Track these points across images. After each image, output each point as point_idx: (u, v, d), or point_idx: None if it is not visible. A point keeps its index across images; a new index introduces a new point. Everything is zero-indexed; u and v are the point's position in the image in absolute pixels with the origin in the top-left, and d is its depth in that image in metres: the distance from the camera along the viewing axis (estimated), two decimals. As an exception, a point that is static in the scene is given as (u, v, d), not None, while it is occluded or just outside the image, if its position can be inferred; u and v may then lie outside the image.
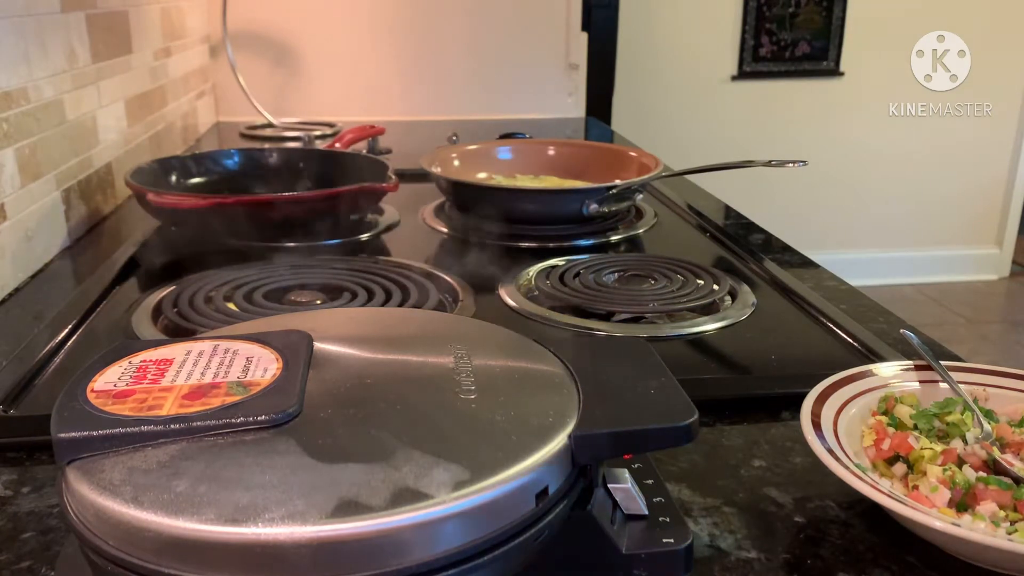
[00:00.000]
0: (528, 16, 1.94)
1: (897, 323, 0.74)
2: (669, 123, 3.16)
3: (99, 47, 1.10)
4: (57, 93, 0.95)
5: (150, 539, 0.31)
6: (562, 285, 0.81)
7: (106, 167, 1.12)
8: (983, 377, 0.57)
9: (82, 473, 0.34)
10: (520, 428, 0.37)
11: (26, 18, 0.89)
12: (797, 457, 0.54)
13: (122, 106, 1.20)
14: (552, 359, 0.44)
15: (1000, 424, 0.52)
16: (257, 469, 0.33)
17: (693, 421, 0.38)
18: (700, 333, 0.72)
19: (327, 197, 0.95)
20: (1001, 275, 3.56)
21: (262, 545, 0.31)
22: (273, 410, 0.36)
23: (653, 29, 3.13)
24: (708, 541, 0.46)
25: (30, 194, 0.88)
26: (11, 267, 0.83)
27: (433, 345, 0.45)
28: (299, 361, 0.41)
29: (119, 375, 0.39)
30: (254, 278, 0.80)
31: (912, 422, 0.52)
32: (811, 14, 3.20)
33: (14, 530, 0.46)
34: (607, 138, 1.80)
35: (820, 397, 0.52)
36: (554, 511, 0.36)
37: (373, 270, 0.83)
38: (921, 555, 0.44)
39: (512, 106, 1.97)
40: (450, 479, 0.33)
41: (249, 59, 1.83)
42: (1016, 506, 0.45)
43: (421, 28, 1.91)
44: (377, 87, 1.92)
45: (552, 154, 1.25)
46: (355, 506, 0.31)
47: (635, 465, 0.45)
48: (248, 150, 1.22)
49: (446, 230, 1.04)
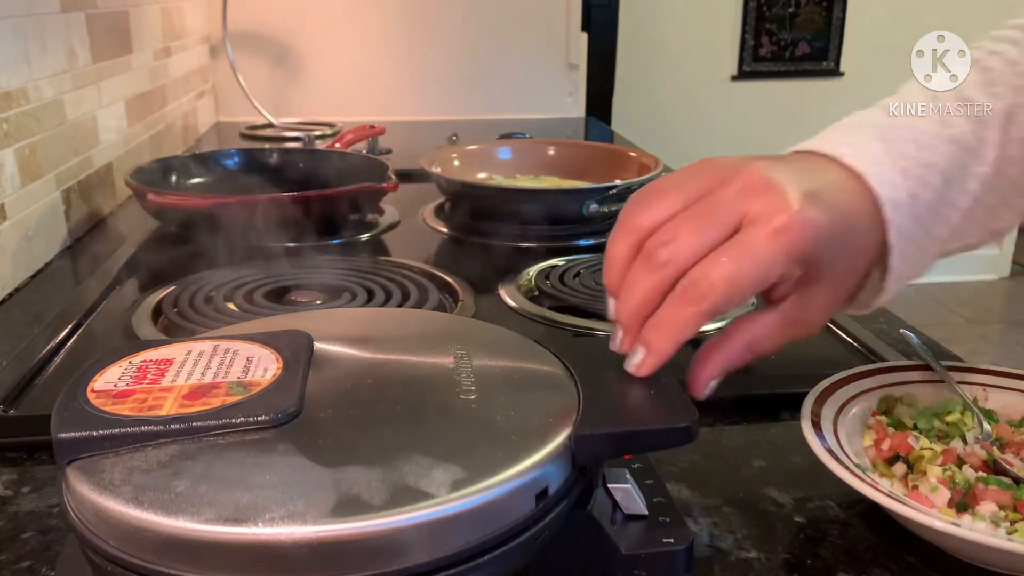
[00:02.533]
0: (528, 16, 1.94)
1: (897, 323, 0.74)
2: (669, 123, 3.17)
3: (99, 47, 1.10)
4: (57, 93, 0.95)
5: (150, 539, 0.31)
6: (562, 285, 0.81)
7: (106, 167, 1.12)
8: (983, 377, 0.57)
9: (82, 473, 0.34)
10: (520, 428, 0.37)
11: (26, 18, 0.89)
12: (797, 457, 0.54)
13: (122, 106, 1.20)
14: (552, 359, 0.44)
15: (1000, 424, 0.52)
16: (257, 469, 0.33)
17: (693, 421, 0.38)
18: (700, 333, 0.72)
19: (327, 197, 0.95)
20: (1001, 275, 3.56)
21: (262, 545, 0.31)
22: (273, 410, 0.36)
23: (653, 29, 3.13)
24: (708, 541, 0.46)
25: (30, 194, 0.88)
26: (11, 267, 0.83)
27: (433, 345, 0.45)
28: (299, 361, 0.41)
29: (119, 375, 0.39)
30: (254, 278, 0.80)
31: (912, 422, 0.52)
32: (811, 14, 3.20)
33: (14, 530, 0.46)
34: (607, 138, 1.80)
35: (820, 397, 0.52)
36: (554, 511, 0.36)
37: (373, 270, 0.83)
38: (921, 555, 0.44)
39: (512, 106, 1.97)
40: (450, 479, 0.33)
41: (249, 59, 1.83)
42: (1016, 506, 0.45)
43: (421, 28, 1.91)
44: (377, 87, 1.92)
45: (552, 154, 1.25)
46: (355, 506, 0.31)
47: (635, 465, 0.45)
48: (248, 150, 1.22)
49: (446, 230, 1.04)
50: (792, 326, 0.46)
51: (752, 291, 0.42)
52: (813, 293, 0.45)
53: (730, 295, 0.41)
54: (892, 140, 0.47)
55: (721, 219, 0.42)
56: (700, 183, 0.44)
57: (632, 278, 0.43)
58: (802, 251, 0.42)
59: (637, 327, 0.43)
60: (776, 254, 0.41)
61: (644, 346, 0.42)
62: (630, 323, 0.43)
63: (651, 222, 0.43)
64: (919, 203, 0.47)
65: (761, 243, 0.41)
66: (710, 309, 0.41)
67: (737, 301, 0.42)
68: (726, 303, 0.41)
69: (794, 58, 3.23)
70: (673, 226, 0.43)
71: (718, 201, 0.43)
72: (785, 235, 0.41)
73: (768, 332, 0.45)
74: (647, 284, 0.42)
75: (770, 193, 0.42)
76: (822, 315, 0.47)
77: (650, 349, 0.42)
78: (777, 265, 0.42)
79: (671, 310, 0.42)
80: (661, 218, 0.43)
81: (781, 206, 0.42)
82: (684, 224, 0.42)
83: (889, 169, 0.46)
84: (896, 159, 0.46)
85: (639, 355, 0.42)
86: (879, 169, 0.46)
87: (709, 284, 0.41)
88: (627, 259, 0.44)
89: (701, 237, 0.42)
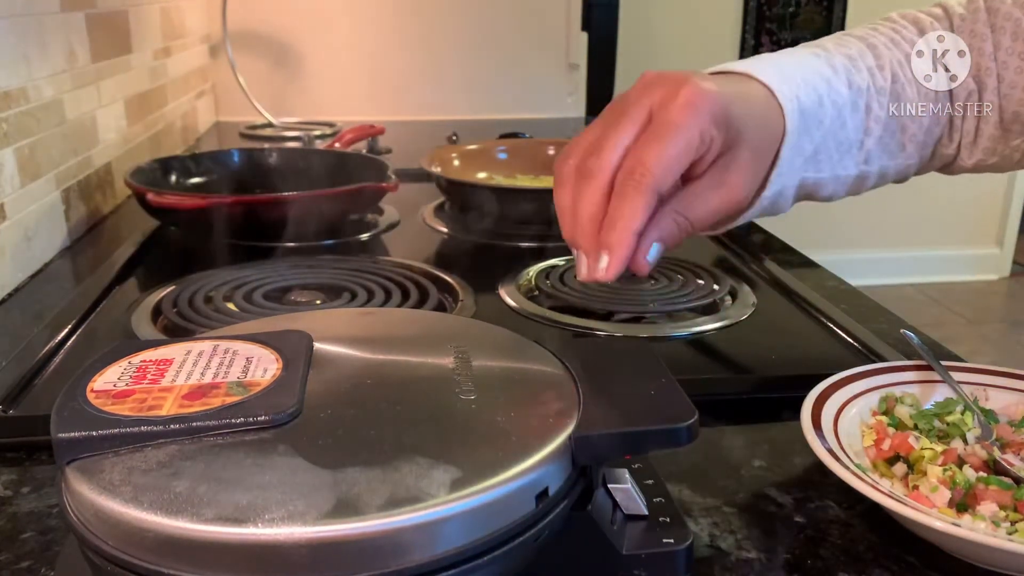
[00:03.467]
0: (528, 16, 1.94)
1: (897, 323, 0.74)
2: (669, 123, 3.16)
3: (99, 47, 1.10)
4: (57, 93, 0.95)
5: (150, 539, 0.31)
6: (562, 285, 0.81)
7: (106, 167, 1.12)
8: (983, 377, 0.57)
9: (82, 473, 0.34)
10: (520, 429, 0.37)
11: (26, 18, 0.89)
12: (797, 457, 0.53)
13: (122, 106, 1.20)
14: (552, 360, 0.44)
15: (1000, 424, 0.52)
16: (257, 469, 0.33)
17: (693, 422, 0.38)
18: (700, 333, 0.72)
19: (327, 197, 0.95)
20: (1001, 275, 3.56)
21: (262, 545, 0.31)
22: (273, 410, 0.36)
23: (653, 29, 3.13)
24: (708, 541, 0.46)
25: (29, 194, 0.88)
26: (11, 267, 0.83)
27: (433, 346, 0.45)
28: (299, 361, 0.40)
29: (119, 375, 0.39)
30: (254, 278, 0.80)
31: (912, 422, 0.52)
32: (811, 14, 3.20)
33: (14, 530, 0.46)
34: (607, 138, 1.80)
35: (820, 397, 0.52)
36: (554, 512, 0.36)
37: (373, 270, 0.83)
38: (921, 555, 0.44)
39: (512, 106, 1.96)
40: (450, 480, 0.33)
41: (249, 59, 1.83)
42: (1016, 506, 0.45)
43: (421, 28, 1.91)
44: (377, 87, 1.92)
45: (552, 154, 1.25)
46: (355, 506, 0.31)
47: (635, 465, 0.45)
48: (248, 150, 1.21)
49: (446, 230, 1.04)
50: (717, 189, 0.49)
51: (682, 162, 0.46)
52: (733, 156, 0.49)
53: (665, 170, 0.44)
54: (767, 61, 0.55)
55: (632, 115, 0.46)
56: (608, 111, 0.48)
57: (577, 201, 0.46)
58: (710, 112, 0.46)
59: (593, 239, 0.45)
60: (689, 118, 0.45)
61: (605, 250, 0.44)
62: (586, 238, 0.45)
63: (579, 154, 0.47)
64: (800, 107, 0.53)
65: (674, 116, 0.45)
66: (651, 187, 0.44)
67: (672, 175, 0.46)
68: (663, 179, 0.45)
69: (794, 58, 3.23)
70: (593, 140, 0.47)
71: (625, 103, 0.47)
72: (691, 103, 0.45)
73: (695, 199, 0.48)
74: (588, 194, 0.45)
75: (667, 81, 0.47)
76: (745, 178, 0.50)
77: (611, 249, 0.44)
78: (695, 129, 0.45)
79: (616, 204, 0.44)
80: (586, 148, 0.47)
81: (680, 83, 0.46)
82: (602, 133, 0.46)
83: (773, 74, 0.53)
84: (775, 68, 0.54)
85: (603, 260, 0.44)
86: (764, 72, 0.53)
87: (643, 167, 0.44)
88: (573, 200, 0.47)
89: (620, 135, 0.46)
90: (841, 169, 0.58)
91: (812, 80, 0.55)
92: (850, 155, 0.59)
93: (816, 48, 0.59)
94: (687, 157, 0.46)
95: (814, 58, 0.57)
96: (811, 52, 0.58)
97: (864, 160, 0.59)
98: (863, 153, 0.59)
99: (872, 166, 0.60)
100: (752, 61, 0.55)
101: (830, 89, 0.56)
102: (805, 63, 0.56)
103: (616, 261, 0.44)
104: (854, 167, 0.59)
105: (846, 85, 0.57)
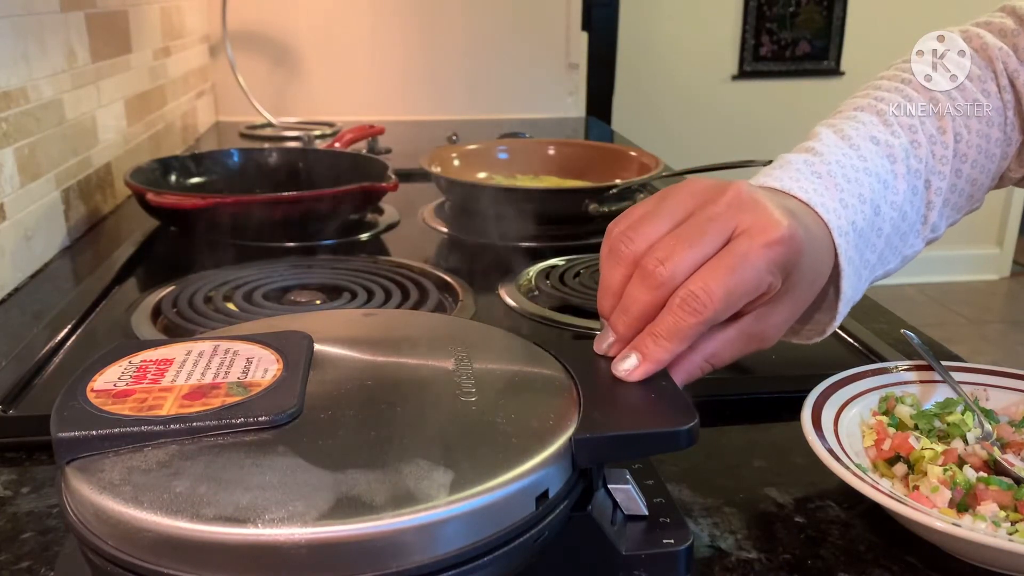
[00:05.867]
0: (528, 16, 1.93)
1: (897, 323, 0.74)
2: (669, 123, 3.16)
3: (98, 47, 1.10)
4: (56, 93, 0.95)
5: (149, 539, 0.31)
6: (562, 285, 0.81)
7: (105, 167, 1.12)
8: (983, 377, 0.57)
9: (82, 473, 0.34)
10: (520, 431, 0.37)
11: (25, 17, 0.89)
12: (797, 457, 0.53)
13: (121, 106, 1.20)
14: (552, 362, 0.44)
15: (1000, 424, 0.52)
16: (257, 470, 0.33)
17: (693, 426, 0.38)
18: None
19: (327, 197, 0.95)
20: (1002, 275, 3.56)
21: (261, 546, 0.30)
22: (273, 411, 0.36)
23: (653, 29, 3.13)
24: (708, 541, 0.46)
25: (29, 194, 0.88)
26: (10, 267, 0.83)
27: (434, 347, 0.45)
28: (299, 362, 0.40)
29: (119, 375, 0.39)
30: (254, 278, 0.80)
31: (913, 422, 0.52)
32: (811, 14, 3.20)
33: (13, 530, 0.46)
34: (607, 138, 1.80)
35: (821, 397, 0.52)
36: (554, 513, 0.36)
37: (373, 270, 0.83)
38: (921, 555, 0.44)
39: (512, 106, 1.96)
40: (450, 481, 0.33)
41: (249, 59, 1.83)
42: (1017, 506, 0.45)
43: (421, 28, 1.91)
44: (377, 87, 1.92)
45: (552, 154, 1.25)
46: (355, 507, 0.31)
47: (635, 465, 0.45)
48: (248, 150, 1.22)
49: (446, 230, 1.04)
50: (748, 340, 0.47)
51: (746, 300, 0.44)
52: (774, 309, 0.47)
53: (728, 305, 0.43)
54: (824, 176, 0.51)
55: (714, 232, 0.44)
56: (684, 203, 0.46)
57: (630, 294, 0.44)
58: (790, 263, 0.44)
59: (633, 334, 0.44)
60: (770, 263, 0.43)
61: (639, 353, 0.43)
62: (628, 330, 0.44)
63: (645, 245, 0.44)
64: (856, 230, 0.50)
65: (757, 253, 0.43)
66: (710, 319, 0.42)
67: (733, 311, 0.44)
68: (724, 313, 0.43)
69: (794, 57, 3.23)
70: (668, 244, 0.44)
71: (710, 216, 0.44)
72: (778, 247, 0.43)
73: (725, 346, 0.47)
74: (647, 299, 0.43)
75: (759, 209, 0.44)
76: (778, 331, 0.49)
77: (647, 357, 0.43)
78: (770, 275, 0.43)
79: (671, 320, 0.43)
80: (653, 241, 0.44)
81: (772, 219, 0.44)
82: (679, 241, 0.44)
83: (830, 200, 0.49)
84: (832, 191, 0.50)
85: (632, 361, 0.43)
86: (822, 200, 0.49)
87: (708, 295, 0.42)
88: (624, 285, 0.45)
89: (697, 251, 0.43)
90: (908, 249, 0.57)
91: (868, 192, 0.51)
92: (914, 233, 0.56)
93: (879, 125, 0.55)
94: (749, 298, 0.44)
95: (873, 146, 0.54)
96: (871, 136, 0.54)
97: (931, 230, 0.57)
98: (927, 227, 0.57)
99: (939, 231, 0.58)
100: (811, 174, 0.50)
101: (886, 190, 0.53)
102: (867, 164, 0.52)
103: (643, 371, 0.42)
104: (920, 243, 0.57)
105: (904, 176, 0.54)
